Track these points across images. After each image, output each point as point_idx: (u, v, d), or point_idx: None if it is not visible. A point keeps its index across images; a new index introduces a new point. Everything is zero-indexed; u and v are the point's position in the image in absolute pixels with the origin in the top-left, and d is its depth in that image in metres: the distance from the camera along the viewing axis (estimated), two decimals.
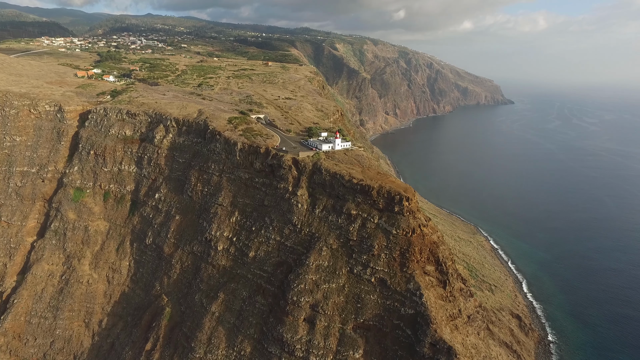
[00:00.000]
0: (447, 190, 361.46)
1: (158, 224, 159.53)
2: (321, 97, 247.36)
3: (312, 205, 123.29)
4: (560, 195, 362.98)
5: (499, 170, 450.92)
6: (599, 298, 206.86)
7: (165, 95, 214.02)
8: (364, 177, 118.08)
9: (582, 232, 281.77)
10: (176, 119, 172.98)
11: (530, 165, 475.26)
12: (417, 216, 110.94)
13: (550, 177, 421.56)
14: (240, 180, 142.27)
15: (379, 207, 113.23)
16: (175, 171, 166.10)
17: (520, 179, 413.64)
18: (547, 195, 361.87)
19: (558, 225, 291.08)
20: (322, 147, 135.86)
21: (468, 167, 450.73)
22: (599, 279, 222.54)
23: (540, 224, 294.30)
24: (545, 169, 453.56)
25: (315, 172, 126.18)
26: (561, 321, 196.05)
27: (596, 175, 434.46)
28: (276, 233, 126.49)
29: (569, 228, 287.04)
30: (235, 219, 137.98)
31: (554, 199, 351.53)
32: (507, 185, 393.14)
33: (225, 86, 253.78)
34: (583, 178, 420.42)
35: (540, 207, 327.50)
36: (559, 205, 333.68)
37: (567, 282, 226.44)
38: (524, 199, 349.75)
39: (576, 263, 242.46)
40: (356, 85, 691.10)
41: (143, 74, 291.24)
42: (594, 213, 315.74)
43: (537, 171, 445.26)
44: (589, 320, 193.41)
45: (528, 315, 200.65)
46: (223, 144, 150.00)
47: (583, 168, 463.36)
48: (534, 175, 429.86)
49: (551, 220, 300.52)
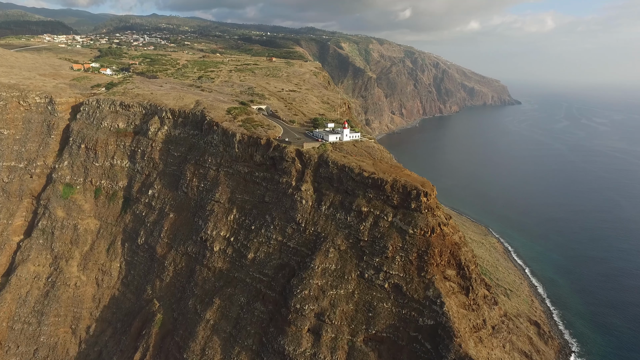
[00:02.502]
0: (456, 190, 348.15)
1: (151, 223, 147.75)
2: (327, 90, 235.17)
3: (317, 202, 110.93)
4: (573, 196, 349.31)
5: (508, 171, 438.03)
6: (619, 302, 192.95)
7: (162, 87, 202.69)
8: (376, 170, 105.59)
9: (596, 233, 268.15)
10: (172, 110, 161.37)
11: (540, 165, 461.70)
12: (436, 214, 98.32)
13: (562, 178, 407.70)
14: (238, 175, 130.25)
15: (393, 203, 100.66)
16: (170, 165, 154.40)
17: (530, 180, 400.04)
18: (559, 196, 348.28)
19: (571, 227, 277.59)
20: (329, 138, 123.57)
21: (477, 168, 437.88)
22: (617, 282, 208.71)
23: (552, 225, 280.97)
24: (556, 170, 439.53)
25: (321, 164, 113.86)
26: (581, 328, 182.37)
27: (609, 176, 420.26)
28: (277, 232, 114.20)
29: (583, 229, 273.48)
30: (233, 217, 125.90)
31: (566, 199, 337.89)
32: (517, 185, 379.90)
33: (227, 79, 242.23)
34: (595, 179, 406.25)
35: (552, 208, 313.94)
36: (572, 206, 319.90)
37: (584, 285, 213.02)
38: (535, 199, 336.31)
39: (592, 265, 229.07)
40: (362, 84, 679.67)
41: (142, 68, 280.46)
42: (608, 214, 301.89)
43: (548, 172, 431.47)
44: (611, 326, 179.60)
45: (546, 322, 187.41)
46: (221, 136, 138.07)
47: (595, 169, 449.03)
48: (544, 175, 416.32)
49: (564, 221, 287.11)
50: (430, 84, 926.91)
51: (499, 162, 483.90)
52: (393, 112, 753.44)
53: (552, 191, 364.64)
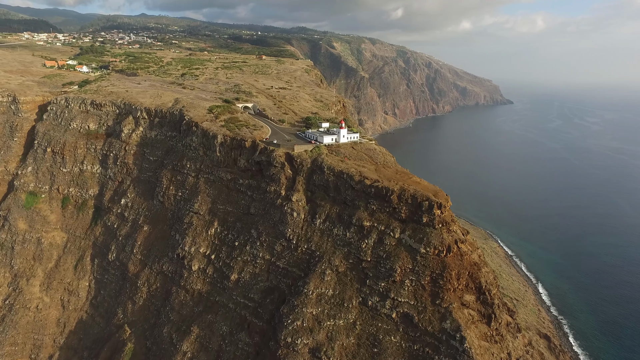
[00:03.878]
0: (451, 192, 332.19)
1: (123, 236, 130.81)
2: (320, 88, 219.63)
3: (311, 214, 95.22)
4: (570, 196, 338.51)
5: (504, 171, 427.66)
6: (628, 309, 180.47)
7: (140, 85, 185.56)
8: (380, 177, 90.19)
9: (597, 234, 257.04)
10: (147, 110, 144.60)
11: (536, 165, 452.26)
12: (452, 229, 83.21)
13: (558, 178, 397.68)
14: (220, 182, 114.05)
15: (400, 216, 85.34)
16: (145, 171, 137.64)
17: (527, 180, 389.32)
18: (556, 196, 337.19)
19: (571, 227, 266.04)
20: (324, 139, 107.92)
21: (472, 168, 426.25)
22: (624, 286, 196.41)
23: (552, 226, 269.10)
24: (552, 169, 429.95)
25: (315, 170, 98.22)
26: (592, 339, 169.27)
27: (605, 175, 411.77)
28: (265, 250, 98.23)
29: (583, 230, 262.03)
30: (215, 230, 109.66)
31: (564, 200, 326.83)
32: (513, 186, 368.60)
33: (212, 76, 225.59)
34: (592, 178, 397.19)
35: (550, 209, 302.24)
36: (570, 207, 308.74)
37: (591, 291, 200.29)
38: (533, 200, 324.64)
39: (596, 268, 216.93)
40: (354, 84, 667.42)
41: (122, 65, 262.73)
42: (607, 214, 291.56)
43: (544, 171, 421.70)
44: (622, 336, 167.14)
45: (556, 334, 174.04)
46: (200, 138, 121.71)
47: (591, 168, 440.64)
48: (540, 175, 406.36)
49: (563, 222, 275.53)
50: (423, 83, 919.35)
51: (495, 162, 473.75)
52: (386, 112, 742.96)
53: (549, 191, 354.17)
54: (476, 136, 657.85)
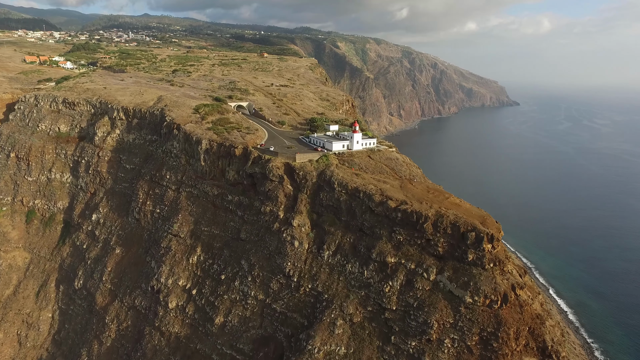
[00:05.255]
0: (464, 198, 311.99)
1: (92, 259, 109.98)
2: (325, 86, 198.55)
3: (317, 244, 74.06)
4: (590, 203, 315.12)
5: (516, 176, 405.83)
6: None
7: (122, 81, 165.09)
8: (408, 197, 68.91)
9: (622, 245, 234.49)
10: (125, 109, 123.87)
11: (548, 169, 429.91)
12: (507, 269, 61.85)
13: (573, 183, 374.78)
14: (205, 198, 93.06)
15: (437, 251, 64.03)
16: (121, 182, 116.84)
17: (541, 185, 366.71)
18: (574, 203, 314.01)
19: (593, 238, 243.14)
20: (333, 146, 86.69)
21: (482, 172, 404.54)
22: None
23: (572, 236, 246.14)
24: (566, 174, 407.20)
25: (322, 187, 77.06)
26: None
27: (624, 180, 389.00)
28: (258, 288, 77.05)
29: (607, 241, 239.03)
30: (197, 258, 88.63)
31: (582, 207, 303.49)
32: (528, 191, 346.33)
33: (206, 73, 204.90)
34: (610, 183, 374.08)
35: (568, 217, 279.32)
36: (590, 216, 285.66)
37: (621, 309, 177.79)
38: (549, 207, 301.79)
39: (625, 285, 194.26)
40: (359, 84, 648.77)
41: (111, 62, 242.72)
42: (631, 223, 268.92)
43: (558, 176, 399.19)
44: None
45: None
46: (182, 143, 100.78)
47: (607, 172, 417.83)
48: (554, 180, 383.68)
49: (584, 232, 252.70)
50: (428, 84, 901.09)
51: (506, 166, 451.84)
52: (391, 114, 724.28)
53: (566, 198, 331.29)
54: (484, 138, 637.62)
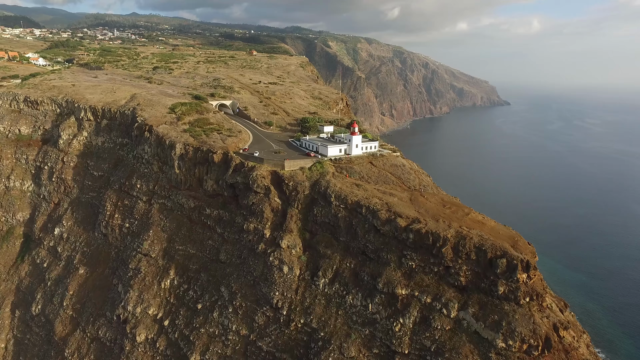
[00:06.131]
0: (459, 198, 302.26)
1: (53, 281, 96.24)
2: (317, 84, 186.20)
3: (311, 270, 61.66)
4: (588, 205, 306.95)
5: (511, 177, 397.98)
6: None
7: (96, 78, 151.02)
8: (420, 214, 56.86)
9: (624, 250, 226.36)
10: (94, 109, 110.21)
11: (544, 170, 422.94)
12: (545, 304, 50.04)
13: (570, 185, 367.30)
14: (180, 211, 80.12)
15: (459, 281, 52.04)
16: (87, 191, 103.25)
17: (536, 186, 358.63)
18: (572, 206, 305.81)
19: (593, 242, 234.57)
20: (328, 150, 74.33)
21: (477, 173, 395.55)
22: None
23: (571, 240, 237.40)
24: (561, 175, 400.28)
25: (316, 200, 64.70)
26: None
27: (620, 181, 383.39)
28: (241, 321, 64.40)
29: (607, 245, 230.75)
30: (170, 283, 75.69)
31: (580, 210, 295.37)
32: (523, 193, 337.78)
33: (190, 70, 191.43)
34: (606, 185, 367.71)
35: (566, 220, 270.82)
36: (589, 218, 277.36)
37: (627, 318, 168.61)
38: (546, 210, 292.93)
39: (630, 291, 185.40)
40: (351, 84, 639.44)
41: (88, 59, 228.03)
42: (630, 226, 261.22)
43: (553, 176, 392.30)
44: None
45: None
46: (155, 147, 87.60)
47: (602, 173, 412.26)
48: (551, 182, 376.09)
49: (583, 235, 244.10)
50: (420, 84, 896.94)
51: (500, 167, 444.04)
52: (383, 114, 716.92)
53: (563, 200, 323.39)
54: (478, 138, 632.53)
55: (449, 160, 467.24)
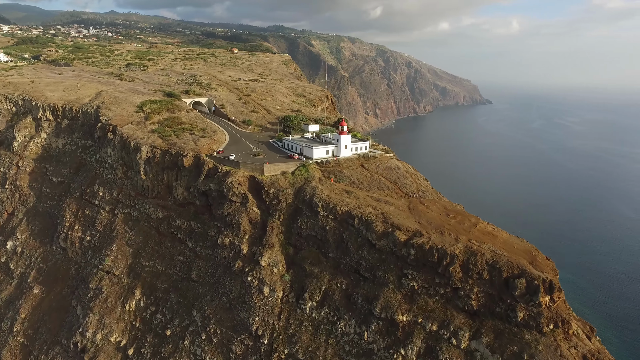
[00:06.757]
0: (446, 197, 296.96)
1: (4, 302, 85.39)
2: (300, 81, 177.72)
3: (295, 291, 53.28)
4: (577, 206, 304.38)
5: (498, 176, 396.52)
6: None
7: (60, 75, 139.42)
8: (422, 225, 49.08)
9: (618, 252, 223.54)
10: (53, 107, 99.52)
11: (529, 169, 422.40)
12: (571, 332, 42.78)
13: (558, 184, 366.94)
14: (147, 222, 70.75)
15: (469, 305, 44.41)
16: (46, 199, 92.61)
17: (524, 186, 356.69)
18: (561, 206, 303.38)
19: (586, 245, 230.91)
20: (314, 152, 66.04)
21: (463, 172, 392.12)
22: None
23: (565, 244, 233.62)
24: (547, 174, 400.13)
25: (300, 210, 56.36)
26: None
27: (605, 178, 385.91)
28: (215, 350, 55.60)
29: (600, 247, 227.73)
30: (136, 304, 66.34)
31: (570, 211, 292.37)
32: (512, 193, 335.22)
33: (166, 67, 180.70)
34: (592, 183, 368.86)
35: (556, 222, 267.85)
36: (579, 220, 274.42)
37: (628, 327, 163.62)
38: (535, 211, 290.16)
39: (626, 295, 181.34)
40: (334, 83, 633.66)
41: (57, 55, 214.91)
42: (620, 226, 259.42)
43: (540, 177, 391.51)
44: None
45: None
46: (119, 150, 77.88)
47: (587, 170, 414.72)
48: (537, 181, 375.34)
49: (577, 238, 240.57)
50: (403, 83, 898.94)
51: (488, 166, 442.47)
52: (367, 113, 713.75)
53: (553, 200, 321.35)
54: (462, 137, 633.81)
55: (435, 160, 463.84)
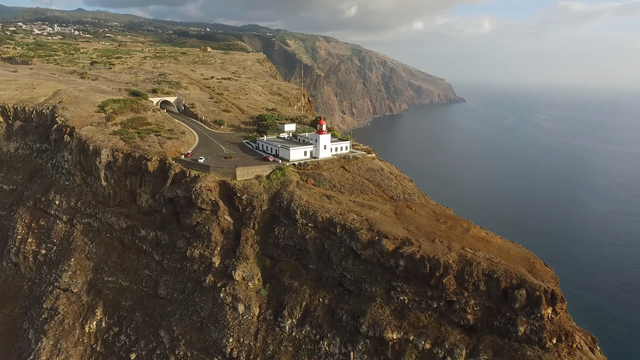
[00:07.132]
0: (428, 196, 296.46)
1: None
2: (276, 80, 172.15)
3: (273, 308, 48.28)
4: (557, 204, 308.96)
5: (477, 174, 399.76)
6: None
7: (15, 73, 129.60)
8: (410, 232, 44.96)
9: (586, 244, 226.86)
10: (3, 107, 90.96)
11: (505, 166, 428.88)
12: (575, 345, 39.45)
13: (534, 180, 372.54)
14: (110, 233, 64.26)
15: (465, 319, 40.51)
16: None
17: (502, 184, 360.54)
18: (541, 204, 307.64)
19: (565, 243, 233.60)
20: (291, 153, 61.10)
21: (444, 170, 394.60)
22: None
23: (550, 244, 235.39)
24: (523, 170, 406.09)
25: (277, 217, 51.38)
26: None
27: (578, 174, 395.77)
28: None
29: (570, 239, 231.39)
30: (97, 325, 59.87)
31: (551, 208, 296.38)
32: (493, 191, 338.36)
33: (134, 66, 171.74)
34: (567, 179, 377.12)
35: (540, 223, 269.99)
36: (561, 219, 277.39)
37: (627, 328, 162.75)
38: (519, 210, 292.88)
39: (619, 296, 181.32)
40: (310, 82, 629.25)
41: (14, 53, 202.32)
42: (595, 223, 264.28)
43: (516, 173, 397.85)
44: None
45: None
46: (76, 154, 70.86)
47: (560, 165, 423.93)
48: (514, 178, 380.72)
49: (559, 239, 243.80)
50: (379, 82, 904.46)
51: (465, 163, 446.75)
52: (344, 112, 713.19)
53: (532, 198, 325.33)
54: (438, 135, 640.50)
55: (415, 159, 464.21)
